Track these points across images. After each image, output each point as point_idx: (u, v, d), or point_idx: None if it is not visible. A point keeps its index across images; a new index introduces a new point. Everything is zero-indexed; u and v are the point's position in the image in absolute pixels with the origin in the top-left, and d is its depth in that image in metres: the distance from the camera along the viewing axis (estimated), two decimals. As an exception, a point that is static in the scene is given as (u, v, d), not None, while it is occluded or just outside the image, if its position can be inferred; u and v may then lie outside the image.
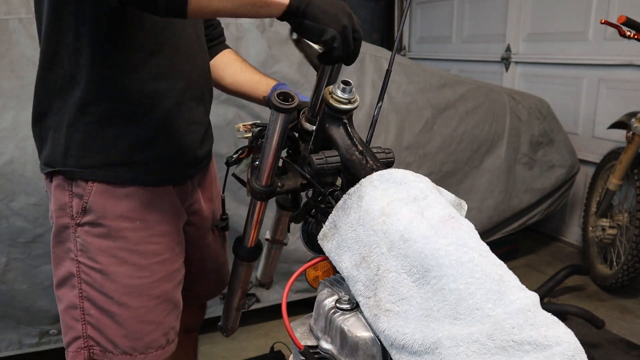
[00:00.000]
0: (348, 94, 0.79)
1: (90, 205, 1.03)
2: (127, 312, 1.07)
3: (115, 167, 1.03)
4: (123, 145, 1.03)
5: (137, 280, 1.08)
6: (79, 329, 1.07)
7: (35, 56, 1.03)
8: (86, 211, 1.03)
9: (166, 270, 1.12)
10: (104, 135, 1.02)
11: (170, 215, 1.12)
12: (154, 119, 1.05)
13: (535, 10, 3.54)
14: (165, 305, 1.13)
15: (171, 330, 1.15)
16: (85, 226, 1.04)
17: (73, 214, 1.04)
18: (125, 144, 1.03)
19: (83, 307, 1.06)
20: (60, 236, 1.07)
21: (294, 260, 2.16)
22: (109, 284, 1.05)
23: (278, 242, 1.23)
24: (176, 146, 1.10)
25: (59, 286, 1.08)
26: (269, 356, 2.09)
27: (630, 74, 2.91)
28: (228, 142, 2.05)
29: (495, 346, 0.56)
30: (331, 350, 0.71)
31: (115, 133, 1.02)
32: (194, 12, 0.82)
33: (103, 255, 1.05)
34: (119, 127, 1.02)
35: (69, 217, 1.05)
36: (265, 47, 2.21)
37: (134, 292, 1.07)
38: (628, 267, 2.57)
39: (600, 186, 2.94)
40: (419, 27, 4.87)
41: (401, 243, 0.65)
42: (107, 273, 1.05)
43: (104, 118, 1.01)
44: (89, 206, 1.03)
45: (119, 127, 1.02)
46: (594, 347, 2.26)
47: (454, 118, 2.66)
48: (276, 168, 0.89)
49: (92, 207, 1.03)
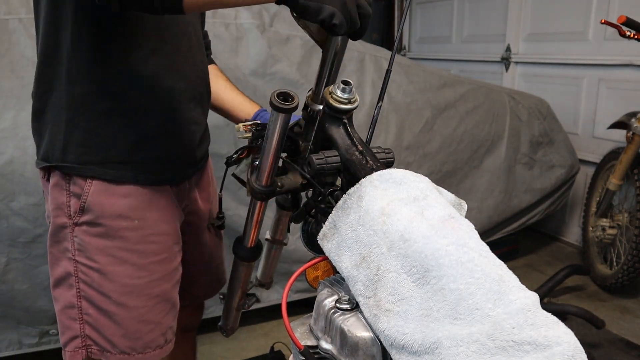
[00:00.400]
0: (348, 94, 0.79)
1: (88, 205, 1.03)
2: (126, 312, 1.07)
3: (115, 165, 1.03)
4: (124, 143, 1.03)
5: (136, 280, 1.08)
6: (76, 329, 1.07)
7: (35, 56, 1.03)
8: (84, 210, 1.03)
9: (164, 269, 1.12)
10: (105, 133, 1.02)
11: (168, 215, 1.12)
12: (154, 118, 1.05)
13: (535, 10, 3.54)
14: (164, 305, 1.13)
15: (169, 330, 1.16)
16: (83, 225, 1.04)
17: (71, 214, 1.04)
18: (125, 143, 1.03)
19: (81, 307, 1.06)
20: (58, 236, 1.06)
21: (294, 260, 2.16)
22: (108, 283, 1.05)
23: (278, 242, 1.23)
24: (176, 146, 1.11)
25: (56, 286, 1.08)
26: (269, 356, 2.09)
27: (630, 74, 2.91)
28: (228, 142, 2.05)
29: (495, 346, 0.56)
30: (331, 350, 0.71)
31: (115, 131, 1.02)
32: (190, 6, 0.81)
33: (101, 255, 1.05)
34: (120, 125, 1.02)
35: (66, 216, 1.04)
36: (265, 47, 2.21)
37: (132, 292, 1.07)
38: (628, 267, 2.57)
39: (600, 186, 2.94)
40: (419, 27, 4.88)
41: (401, 243, 0.65)
42: (105, 272, 1.05)
43: (104, 115, 1.01)
44: (87, 205, 1.03)
45: (120, 125, 1.02)
46: (594, 347, 2.26)
47: (454, 118, 2.66)
48: (276, 168, 0.89)
49: (91, 206, 1.03)
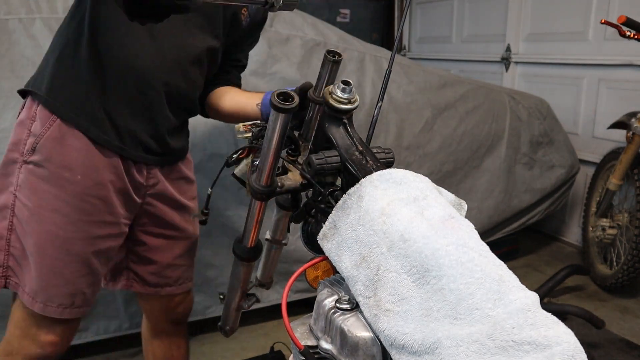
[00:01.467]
0: (348, 94, 0.79)
1: (40, 146, 1.10)
2: (42, 258, 1.12)
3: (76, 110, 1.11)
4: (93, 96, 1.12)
5: (60, 231, 1.12)
6: (1, 258, 1.14)
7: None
8: (35, 150, 1.11)
9: (91, 232, 1.16)
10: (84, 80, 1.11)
11: (113, 186, 1.17)
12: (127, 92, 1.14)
13: (535, 10, 3.54)
14: (80, 266, 1.16)
15: (80, 294, 1.18)
16: (30, 164, 1.11)
17: (23, 151, 1.12)
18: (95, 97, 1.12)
19: (10, 239, 1.13)
20: (7, 169, 1.15)
21: (294, 260, 2.16)
22: (34, 224, 1.12)
23: (278, 242, 1.23)
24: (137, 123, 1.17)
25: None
26: (269, 356, 2.08)
27: (630, 74, 2.90)
28: (228, 142, 2.05)
29: (495, 346, 0.56)
30: (331, 350, 0.71)
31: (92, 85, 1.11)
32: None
33: (37, 197, 1.10)
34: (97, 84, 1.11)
35: (19, 152, 1.13)
36: (265, 47, 2.21)
37: (54, 241, 1.12)
38: (628, 267, 2.57)
39: (600, 186, 2.94)
40: (419, 27, 4.87)
41: (401, 243, 0.65)
42: (35, 214, 1.11)
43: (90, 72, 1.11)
44: (39, 146, 1.10)
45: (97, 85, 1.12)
46: (594, 347, 2.26)
47: (454, 118, 2.66)
48: (276, 168, 0.89)
49: (42, 148, 1.11)
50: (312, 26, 2.44)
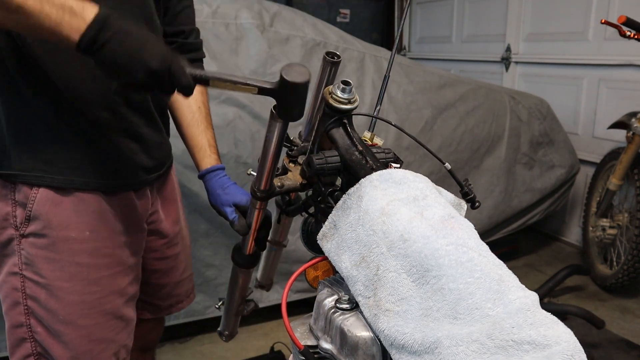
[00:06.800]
0: (348, 94, 0.79)
1: (34, 214, 0.96)
2: (75, 330, 1.00)
3: (62, 170, 0.96)
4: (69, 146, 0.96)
5: (86, 296, 1.01)
6: (28, 348, 1.01)
7: None
8: (30, 220, 0.96)
9: (117, 284, 1.05)
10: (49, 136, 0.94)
11: (125, 225, 1.05)
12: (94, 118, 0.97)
13: (535, 10, 3.54)
14: (116, 322, 1.06)
15: (122, 349, 1.09)
16: (30, 237, 0.97)
17: (17, 224, 0.97)
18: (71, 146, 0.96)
19: (30, 324, 1.00)
20: (4, 250, 0.99)
21: (294, 260, 2.16)
22: (55, 300, 0.99)
23: (278, 244, 1.23)
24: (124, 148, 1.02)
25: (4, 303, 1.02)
26: (269, 356, 2.09)
27: (630, 74, 2.91)
28: (228, 142, 2.05)
29: (495, 346, 0.56)
30: (331, 350, 0.71)
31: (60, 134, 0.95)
32: None
33: (49, 270, 0.98)
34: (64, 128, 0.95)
35: (13, 227, 0.97)
36: (265, 47, 2.21)
37: (82, 309, 1.00)
38: (628, 267, 2.57)
39: (600, 186, 2.94)
40: (419, 27, 4.87)
41: (401, 243, 0.65)
42: (52, 289, 0.98)
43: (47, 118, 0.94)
44: (33, 214, 0.96)
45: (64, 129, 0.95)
46: (594, 347, 2.26)
47: (454, 118, 2.66)
48: (274, 172, 0.89)
49: (37, 215, 0.96)
50: (312, 26, 2.44)
